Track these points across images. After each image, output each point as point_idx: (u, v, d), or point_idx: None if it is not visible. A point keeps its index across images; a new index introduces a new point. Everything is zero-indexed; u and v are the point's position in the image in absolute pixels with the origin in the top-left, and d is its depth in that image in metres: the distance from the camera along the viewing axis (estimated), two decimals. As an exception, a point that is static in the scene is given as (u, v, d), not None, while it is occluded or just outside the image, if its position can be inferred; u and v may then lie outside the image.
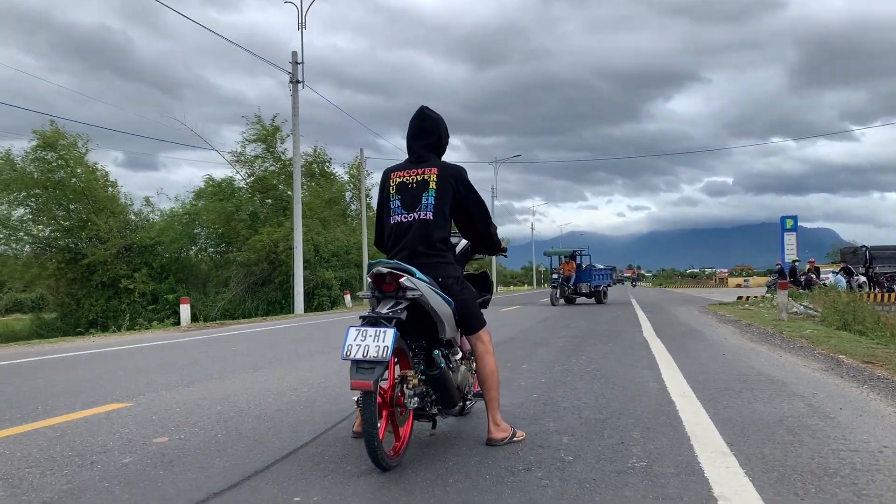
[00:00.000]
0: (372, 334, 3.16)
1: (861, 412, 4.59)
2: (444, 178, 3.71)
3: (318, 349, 9.18)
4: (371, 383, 3.04)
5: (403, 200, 3.73)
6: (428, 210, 3.67)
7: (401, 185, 3.77)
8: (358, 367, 3.10)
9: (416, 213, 3.69)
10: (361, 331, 3.19)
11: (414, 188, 3.72)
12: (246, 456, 3.61)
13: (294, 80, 23.42)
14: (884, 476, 3.15)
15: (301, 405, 5.00)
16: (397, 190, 3.77)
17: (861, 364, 6.74)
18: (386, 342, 3.12)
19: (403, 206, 3.73)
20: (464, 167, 3.83)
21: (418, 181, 3.73)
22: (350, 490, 3.00)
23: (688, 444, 3.72)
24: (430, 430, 4.02)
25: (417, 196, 3.70)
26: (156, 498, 2.93)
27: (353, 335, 3.18)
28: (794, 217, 27.86)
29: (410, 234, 3.68)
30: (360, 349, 3.12)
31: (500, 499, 2.86)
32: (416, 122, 3.88)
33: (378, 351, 3.10)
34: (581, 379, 6.12)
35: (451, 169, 3.77)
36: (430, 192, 3.69)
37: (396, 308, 3.32)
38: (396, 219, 3.74)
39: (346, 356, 3.13)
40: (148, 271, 31.80)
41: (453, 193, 3.73)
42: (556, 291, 23.89)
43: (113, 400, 5.36)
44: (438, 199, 3.68)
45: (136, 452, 3.72)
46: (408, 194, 3.73)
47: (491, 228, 3.99)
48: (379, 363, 3.10)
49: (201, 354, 8.91)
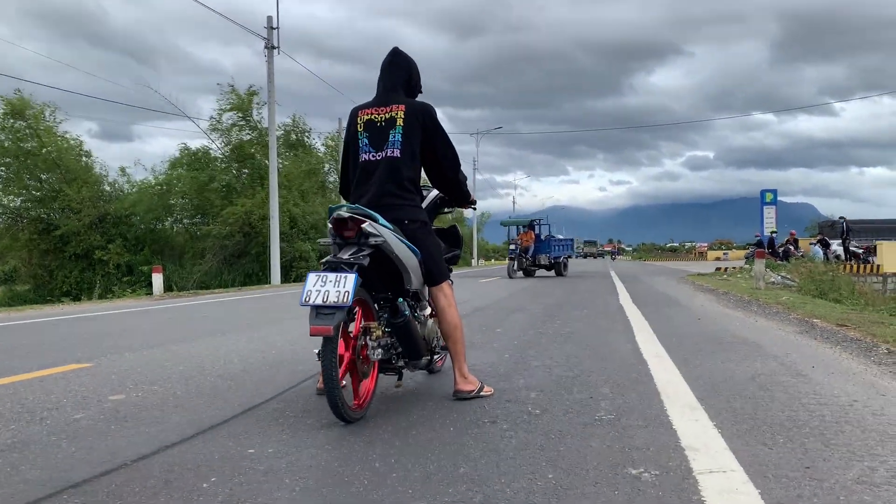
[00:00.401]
0: (332, 279, 3.03)
1: (833, 370, 4.56)
2: (411, 115, 3.59)
3: (290, 315, 9.04)
4: (331, 329, 2.92)
5: (371, 138, 3.61)
6: (395, 147, 3.55)
7: (368, 122, 3.65)
8: (318, 312, 2.98)
9: (384, 152, 3.56)
10: (321, 276, 3.06)
11: (382, 126, 3.60)
12: (204, 411, 3.49)
13: (269, 45, 22.95)
14: (853, 427, 3.10)
15: (267, 365, 4.88)
16: (365, 127, 3.65)
17: (835, 327, 6.74)
18: (347, 287, 2.99)
19: (371, 145, 3.60)
20: (432, 105, 3.70)
21: (386, 119, 3.60)
22: (308, 442, 2.89)
23: (658, 400, 3.66)
24: (396, 382, 3.93)
25: (385, 134, 3.58)
26: (103, 451, 2.81)
27: (312, 280, 3.06)
28: (773, 191, 27.96)
29: (378, 173, 3.55)
30: (320, 294, 2.99)
31: (463, 449, 2.77)
32: (387, 60, 3.81)
33: (339, 296, 2.97)
34: (554, 341, 6.05)
35: (418, 106, 3.65)
36: (398, 130, 3.56)
37: (359, 254, 3.20)
38: (364, 157, 3.62)
39: (305, 302, 3.00)
40: (122, 242, 31.32)
41: (422, 132, 3.60)
42: (514, 263, 22.75)
43: (73, 361, 5.20)
44: (406, 136, 3.56)
45: (89, 409, 3.58)
46: (376, 132, 3.61)
47: (460, 175, 3.86)
48: (339, 308, 2.97)
49: (170, 320, 8.75)
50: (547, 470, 2.50)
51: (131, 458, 2.70)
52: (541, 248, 23.75)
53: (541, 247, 23.80)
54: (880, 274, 23.85)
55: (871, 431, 3.03)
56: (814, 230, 52.32)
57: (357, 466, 2.56)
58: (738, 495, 2.24)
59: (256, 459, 2.66)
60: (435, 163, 3.74)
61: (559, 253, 24.47)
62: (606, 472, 2.47)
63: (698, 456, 2.66)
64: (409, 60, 3.81)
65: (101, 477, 2.48)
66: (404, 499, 2.22)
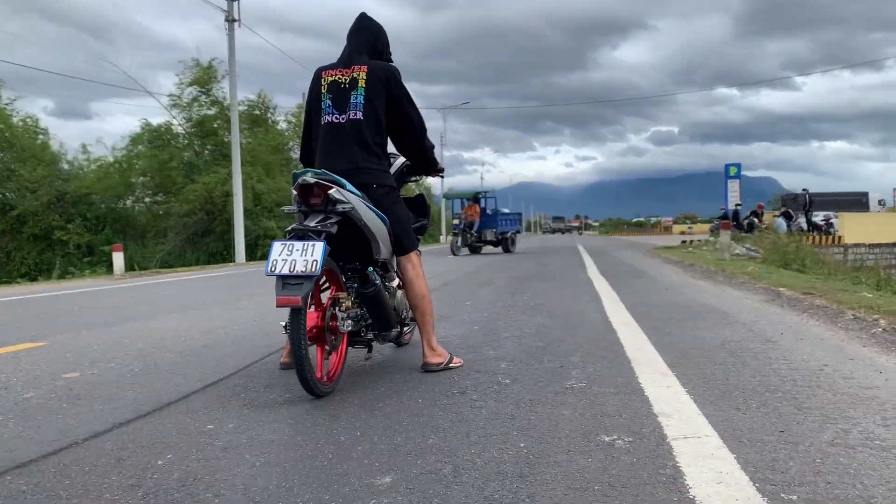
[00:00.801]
0: (299, 248, 2.90)
1: (801, 336, 4.57)
2: (374, 76, 3.45)
3: (254, 292, 8.87)
4: (299, 299, 2.79)
5: (335, 100, 3.47)
6: (358, 110, 3.41)
7: (332, 83, 3.50)
8: (284, 282, 2.85)
9: (347, 114, 3.43)
10: (287, 245, 2.92)
11: (345, 87, 3.46)
12: (161, 388, 3.35)
13: (230, 18, 22.39)
14: (824, 391, 3.08)
15: (229, 341, 4.74)
16: (328, 89, 3.50)
17: (801, 295, 6.78)
18: (315, 256, 2.86)
19: (335, 106, 3.46)
20: (397, 68, 3.56)
21: (349, 80, 3.46)
22: (270, 417, 2.78)
23: (628, 367, 3.61)
24: (366, 354, 3.82)
25: (348, 95, 3.44)
26: (53, 429, 2.66)
27: (278, 249, 2.92)
28: (737, 165, 28.22)
29: (342, 136, 3.41)
30: (287, 264, 2.86)
31: (432, 420, 2.68)
32: (353, 25, 3.69)
33: (306, 265, 2.84)
34: (524, 313, 5.99)
35: (381, 67, 3.51)
36: (359, 91, 3.42)
37: (326, 222, 3.06)
38: (327, 118, 3.47)
39: (271, 272, 2.86)
40: (82, 222, 30.59)
41: (386, 94, 3.47)
42: (458, 239, 21.38)
43: (26, 340, 5.00)
44: (368, 99, 3.42)
45: (40, 388, 3.42)
46: (339, 93, 3.46)
47: (426, 142, 3.74)
48: (307, 278, 2.84)
49: (130, 298, 8.52)
50: (518, 439, 2.42)
51: (82, 436, 2.56)
52: (486, 223, 22.30)
53: (486, 221, 22.36)
54: (841, 245, 24.32)
55: (842, 395, 3.00)
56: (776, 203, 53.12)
57: (321, 441, 2.45)
58: (714, 460, 2.18)
59: (215, 435, 2.54)
60: (400, 127, 3.61)
61: (506, 228, 23.00)
62: (579, 440, 2.40)
63: (671, 422, 2.60)
64: (376, 25, 3.70)
65: (50, 456, 2.34)
66: (371, 472, 2.13)
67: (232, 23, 22.45)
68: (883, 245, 24.30)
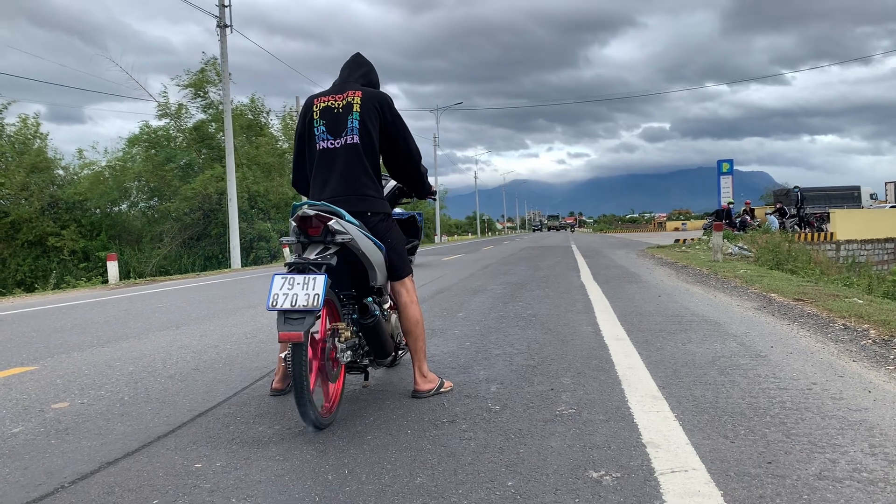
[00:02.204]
0: (300, 282, 2.90)
1: (791, 350, 4.58)
2: (368, 101, 3.47)
3: (248, 303, 8.86)
4: (302, 334, 2.78)
5: (329, 125, 3.46)
6: (354, 134, 3.42)
7: (325, 109, 3.50)
8: (286, 317, 2.84)
9: (343, 139, 3.42)
10: (288, 278, 2.92)
11: (339, 112, 3.46)
12: (151, 420, 3.34)
13: (222, 24, 22.33)
14: (812, 414, 3.09)
15: (220, 363, 4.73)
16: (321, 115, 3.49)
17: (792, 302, 6.80)
18: (317, 290, 2.86)
19: (329, 132, 3.46)
20: (389, 95, 3.57)
21: (343, 105, 3.47)
22: (259, 454, 2.78)
23: (619, 389, 3.61)
24: (363, 382, 3.83)
25: (343, 120, 3.44)
26: (40, 471, 2.66)
27: (278, 284, 2.91)
28: (730, 161, 28.33)
29: (339, 162, 3.41)
30: (288, 298, 2.86)
31: (420, 455, 2.69)
32: (348, 60, 3.77)
33: (308, 299, 2.84)
34: (516, 325, 6.00)
35: (375, 94, 3.54)
36: (355, 115, 3.43)
37: (326, 253, 3.06)
38: (322, 145, 3.47)
39: (273, 306, 2.86)
40: (77, 228, 30.53)
41: (380, 120, 3.48)
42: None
43: (17, 364, 4.98)
44: (363, 122, 3.43)
45: (29, 421, 3.41)
46: (333, 119, 3.46)
47: (420, 168, 3.74)
48: (309, 312, 2.84)
49: (123, 312, 8.49)
50: (506, 476, 2.42)
51: (69, 478, 2.56)
52: None
53: None
54: (834, 241, 24.39)
55: (830, 418, 3.02)
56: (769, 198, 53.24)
57: (309, 481, 2.45)
58: (701, 498, 2.19)
59: (203, 476, 2.53)
60: (394, 153, 3.61)
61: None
62: (567, 477, 2.40)
63: (660, 453, 2.61)
64: (369, 63, 3.76)
65: (36, 503, 2.33)
66: (357, 516, 2.13)
67: (224, 28, 22.40)
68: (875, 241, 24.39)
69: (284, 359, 2.92)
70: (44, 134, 32.22)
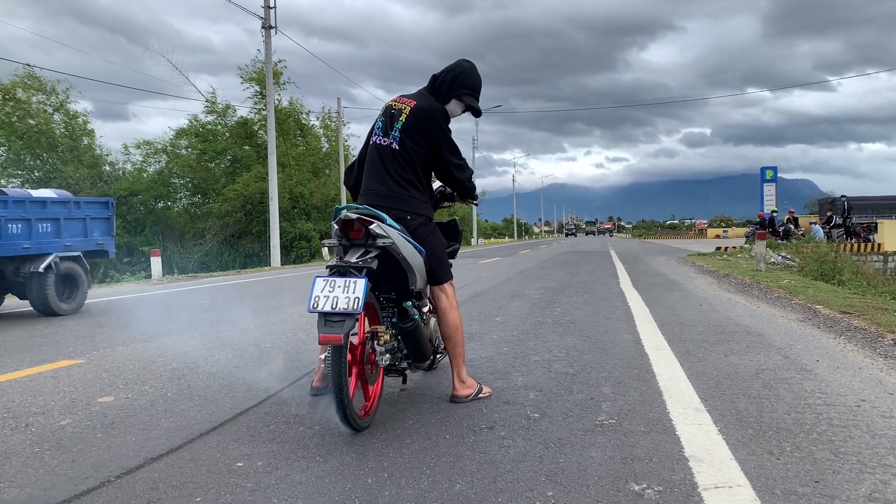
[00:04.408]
0: (341, 285, 2.92)
1: (838, 364, 4.47)
2: (415, 115, 3.51)
3: (288, 302, 8.95)
4: (342, 337, 2.81)
5: (385, 123, 3.58)
6: (395, 141, 3.50)
7: (388, 108, 3.64)
8: (327, 319, 2.87)
9: (388, 139, 3.52)
10: (329, 281, 2.95)
11: (394, 114, 3.56)
12: (193, 416, 3.39)
13: (267, 25, 22.63)
14: (861, 432, 3.00)
15: (261, 361, 4.78)
16: (384, 112, 3.64)
17: (838, 314, 6.63)
18: (357, 293, 2.88)
19: (383, 129, 3.57)
20: (443, 108, 3.58)
21: (399, 109, 3.56)
22: (299, 454, 2.80)
23: (660, 400, 3.56)
24: (402, 385, 3.84)
25: (393, 123, 3.54)
26: (87, 465, 2.71)
27: (320, 286, 2.94)
28: (773, 168, 27.78)
29: (381, 161, 3.51)
30: (329, 301, 2.88)
31: (459, 461, 2.68)
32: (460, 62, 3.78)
33: (349, 302, 2.86)
34: (554, 331, 5.96)
35: (426, 107, 3.56)
36: (399, 124, 3.50)
37: (367, 257, 3.09)
38: (374, 140, 3.59)
39: (314, 308, 2.89)
40: (122, 223, 31.25)
41: (423, 133, 3.51)
42: None
43: (64, 357, 5.11)
44: (405, 132, 3.49)
45: (77, 413, 3.49)
46: (389, 118, 3.57)
47: (463, 175, 3.72)
48: (349, 315, 2.87)
49: (166, 308, 8.65)
50: (546, 486, 2.40)
51: (115, 472, 2.61)
52: None
53: None
54: (881, 253, 23.75)
55: (881, 437, 2.93)
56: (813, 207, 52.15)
57: (349, 483, 2.46)
58: (746, 516, 2.14)
59: (244, 475, 2.56)
60: (437, 163, 3.65)
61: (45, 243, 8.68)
62: (608, 488, 2.37)
63: (703, 467, 2.57)
64: (456, 65, 3.71)
65: (82, 496, 2.38)
66: (397, 521, 2.13)
67: (269, 29, 22.70)
68: (926, 253, 23.68)
69: (324, 359, 2.94)
70: (91, 131, 33.03)
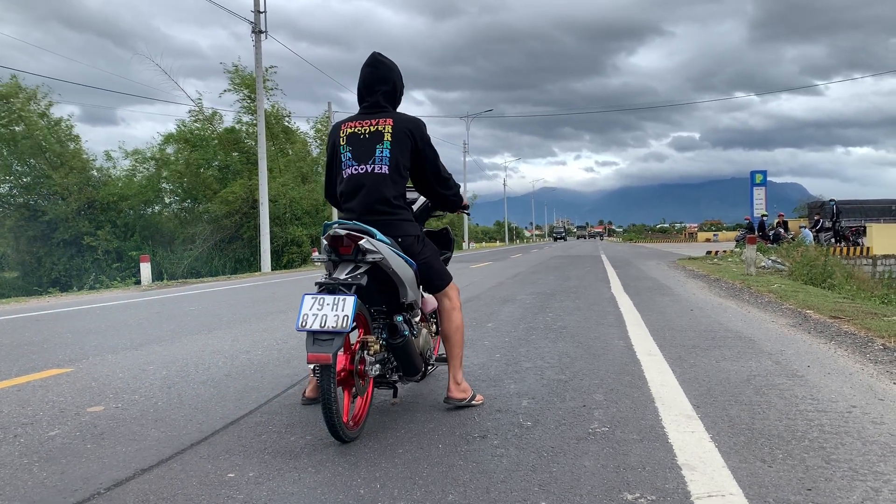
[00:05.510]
0: (330, 302, 2.90)
1: (829, 370, 4.48)
2: (400, 130, 3.41)
3: (278, 308, 8.92)
4: (330, 356, 2.79)
5: (355, 152, 3.42)
6: (383, 164, 3.37)
7: (351, 135, 3.46)
8: (315, 338, 2.84)
9: (369, 166, 3.38)
10: (318, 299, 2.92)
11: (366, 139, 3.41)
12: (184, 426, 3.37)
13: (257, 29, 22.60)
14: (853, 439, 3.02)
15: (252, 369, 4.76)
16: (347, 141, 3.46)
17: (828, 319, 6.67)
18: (346, 311, 2.86)
19: (354, 158, 3.41)
20: (422, 120, 3.54)
21: (371, 132, 3.42)
22: (290, 465, 2.78)
23: (652, 407, 3.57)
24: (392, 399, 3.81)
25: (371, 148, 3.40)
26: (77, 476, 2.69)
27: (308, 304, 2.91)
28: (763, 172, 27.92)
29: (365, 189, 3.37)
30: (318, 319, 2.86)
31: (451, 471, 2.67)
32: (368, 70, 3.55)
33: (337, 321, 2.84)
34: (546, 338, 5.96)
35: (408, 121, 3.46)
36: (385, 145, 3.39)
37: (356, 273, 3.07)
38: (348, 171, 3.43)
39: (302, 327, 2.86)
40: (112, 228, 31.12)
41: (411, 148, 3.44)
42: None
43: (53, 365, 5.07)
44: (394, 152, 3.38)
45: (66, 424, 3.46)
46: (359, 145, 3.42)
47: (448, 187, 3.71)
48: (338, 334, 2.84)
49: (155, 315, 8.60)
50: (539, 496, 2.39)
51: (105, 484, 2.58)
52: None
53: None
54: (870, 256, 23.91)
55: (872, 444, 2.94)
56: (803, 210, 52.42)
57: (341, 494, 2.45)
58: (739, 525, 2.15)
59: (236, 486, 2.54)
60: (422, 178, 3.60)
61: None
62: (601, 498, 2.37)
63: (695, 476, 2.57)
64: (391, 69, 3.55)
65: (72, 509, 2.36)
66: (389, 533, 2.12)
67: (259, 34, 22.67)
68: (914, 256, 23.85)
69: (314, 371, 2.92)
70: (77, 136, 32.85)
